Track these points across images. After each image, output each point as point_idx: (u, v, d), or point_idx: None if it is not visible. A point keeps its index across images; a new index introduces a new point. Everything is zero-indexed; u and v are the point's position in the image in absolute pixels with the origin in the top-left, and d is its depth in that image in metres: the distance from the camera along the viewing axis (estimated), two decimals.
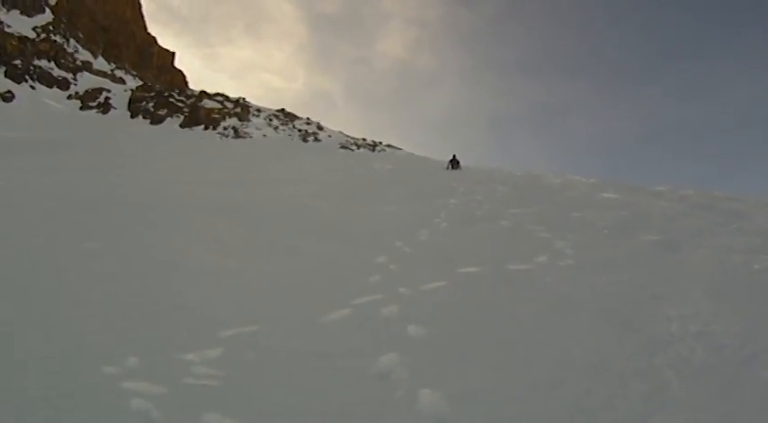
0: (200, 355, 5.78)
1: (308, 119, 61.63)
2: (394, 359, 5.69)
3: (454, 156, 34.52)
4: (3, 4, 63.99)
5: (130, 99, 56.98)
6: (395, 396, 4.94)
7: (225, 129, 51.33)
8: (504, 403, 4.90)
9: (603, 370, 5.65)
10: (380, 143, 58.17)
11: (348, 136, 59.21)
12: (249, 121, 55.75)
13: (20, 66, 57.22)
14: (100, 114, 54.27)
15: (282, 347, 6.04)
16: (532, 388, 5.22)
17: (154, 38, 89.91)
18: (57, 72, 60.50)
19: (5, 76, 55.95)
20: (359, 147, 53.82)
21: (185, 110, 54.72)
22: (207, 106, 54.77)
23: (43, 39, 62.97)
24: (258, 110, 60.37)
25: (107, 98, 57.23)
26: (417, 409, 4.74)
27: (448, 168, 33.41)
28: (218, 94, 59.37)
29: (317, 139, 53.93)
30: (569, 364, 5.81)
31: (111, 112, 54.89)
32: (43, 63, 60.00)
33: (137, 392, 4.97)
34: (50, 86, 58.05)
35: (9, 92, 53.35)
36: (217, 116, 53.77)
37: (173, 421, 4.50)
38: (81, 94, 57.70)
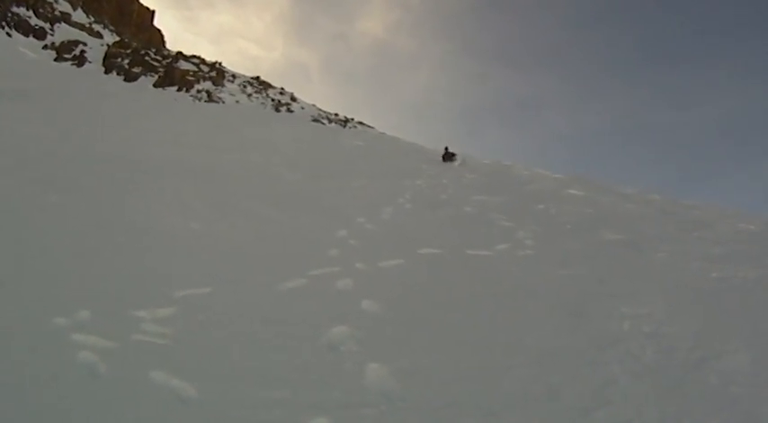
0: (152, 313, 5.74)
1: (282, 89, 61.10)
2: (345, 332, 5.69)
3: (446, 148, 28.12)
4: None
5: (106, 54, 55.99)
6: (343, 367, 4.94)
7: (198, 92, 50.67)
8: (451, 383, 4.92)
9: (553, 359, 5.70)
10: (352, 120, 57.87)
11: (321, 110, 58.82)
12: (223, 86, 55.14)
13: None
14: (74, 67, 53.28)
15: (235, 311, 6.01)
16: (481, 371, 5.25)
17: None
18: (34, 21, 59.26)
19: None
20: (331, 121, 53.53)
21: (160, 70, 53.92)
22: (182, 68, 54.02)
23: None
24: (233, 76, 59.76)
25: (83, 51, 56.18)
26: (365, 382, 4.74)
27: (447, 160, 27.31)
28: (194, 57, 58.59)
29: (289, 110, 53.50)
30: (520, 350, 5.85)
31: (86, 65, 53.94)
32: (21, 11, 58.88)
33: (85, 345, 4.93)
34: (27, 35, 56.86)
35: None
36: (191, 78, 53.07)
37: (118, 376, 4.46)
38: (57, 45, 56.69)
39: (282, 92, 60.36)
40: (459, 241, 10.44)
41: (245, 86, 57.58)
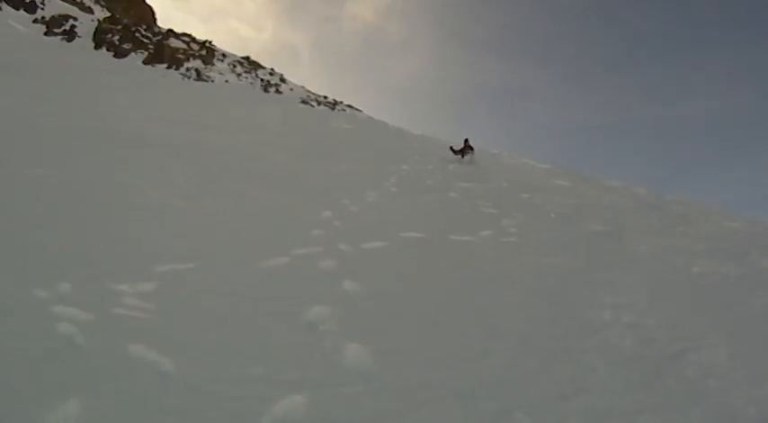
0: (133, 287, 5.71)
1: (272, 70, 60.79)
2: (325, 311, 5.67)
3: (467, 140, 23.22)
4: None
5: (96, 30, 55.48)
6: (322, 346, 4.92)
7: (188, 70, 50.34)
8: (428, 366, 4.92)
9: (532, 346, 5.70)
10: (341, 102, 57.65)
11: (310, 92, 58.56)
12: (213, 65, 54.80)
13: None
14: (64, 42, 52.77)
15: (216, 287, 5.99)
16: (459, 354, 5.25)
17: None
18: None
19: None
20: (319, 103, 53.33)
21: (150, 47, 53.50)
22: (172, 45, 53.63)
23: None
24: (223, 55, 59.37)
25: (73, 26, 55.67)
26: (343, 361, 4.73)
27: (457, 154, 23.08)
28: (184, 35, 58.15)
29: (278, 91, 53.27)
30: (498, 335, 5.85)
31: (76, 40, 53.44)
32: None
33: (65, 317, 4.90)
34: (17, 8, 56.34)
35: None
36: (181, 56, 52.74)
37: (96, 348, 4.43)
38: (47, 19, 56.17)
39: (272, 73, 60.08)
40: (443, 226, 10.43)
41: (234, 66, 57.26)
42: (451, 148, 24.00)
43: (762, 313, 7.78)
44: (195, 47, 56.48)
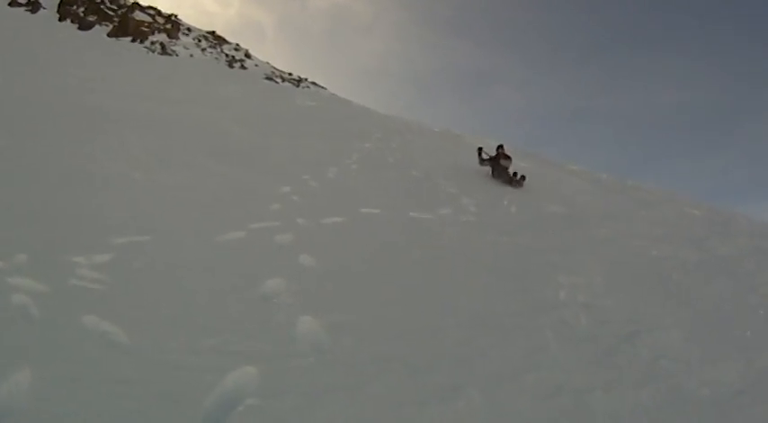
0: (88, 259, 5.65)
1: (237, 45, 60.06)
2: (280, 284, 5.67)
3: (501, 146, 16.88)
4: None
5: (61, 1, 54.59)
6: (275, 319, 4.92)
7: (152, 43, 49.54)
8: (380, 340, 4.95)
9: (486, 322, 5.74)
10: (306, 80, 57.21)
11: (275, 68, 58.00)
12: (178, 39, 53.99)
13: None
14: (28, 13, 51.77)
15: (171, 260, 5.94)
16: (412, 330, 5.28)
17: None
18: None
19: None
20: (284, 80, 52.87)
21: (115, 19, 52.68)
22: (137, 18, 52.86)
23: None
24: (189, 29, 58.53)
25: None
26: (295, 333, 4.74)
27: (485, 165, 16.62)
28: (150, 8, 57.19)
29: (243, 67, 52.66)
30: (453, 311, 5.90)
31: (40, 12, 52.27)
32: None
33: (20, 288, 4.84)
34: None
35: None
36: (146, 29, 51.88)
37: (51, 319, 4.39)
38: None
39: (237, 48, 59.49)
40: (403, 203, 10.46)
41: (199, 41, 56.56)
42: (480, 153, 17.02)
43: (717, 298, 7.90)
44: (160, 20, 55.69)
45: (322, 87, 56.33)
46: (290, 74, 57.97)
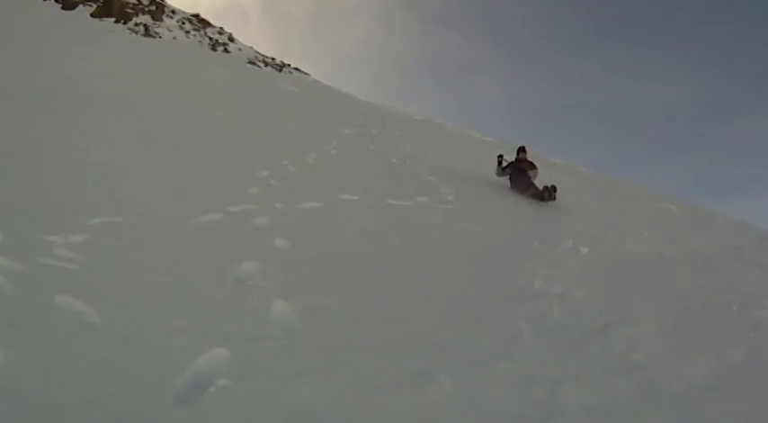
0: (64, 239, 5.58)
1: (221, 29, 59.68)
2: (255, 267, 5.64)
3: (523, 148, 14.20)
4: None
5: None
6: (249, 301, 4.90)
7: (136, 25, 49.15)
8: (355, 325, 4.95)
9: (460, 310, 5.76)
10: (288, 65, 56.96)
11: (258, 53, 57.69)
12: (162, 21, 53.55)
13: None
14: None
15: (147, 241, 5.88)
16: (386, 315, 5.29)
17: None
18: None
19: None
20: (267, 65, 52.65)
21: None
22: None
23: None
24: (173, 11, 58.09)
25: None
26: (269, 316, 4.71)
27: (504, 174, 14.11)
28: None
29: (226, 50, 52.36)
30: (427, 298, 5.90)
31: None
32: None
33: None
34: None
35: None
36: (130, 11, 51.43)
37: (23, 298, 4.34)
38: None
39: (221, 32, 59.10)
40: (381, 190, 10.46)
41: (183, 23, 56.16)
42: (501, 161, 14.33)
43: (692, 293, 7.99)
44: (145, 1, 55.25)
45: (305, 73, 56.12)
46: (272, 59, 57.69)
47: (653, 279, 8.41)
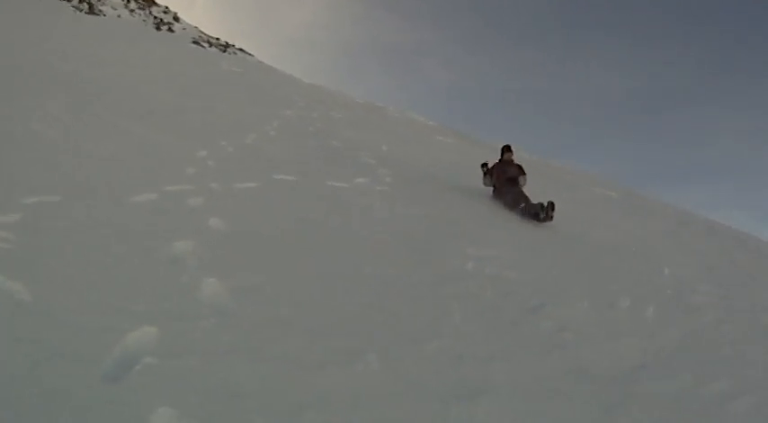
0: None
1: (166, 8, 58.55)
2: (187, 247, 5.58)
3: (508, 147, 12.33)
4: None
5: None
6: (179, 281, 4.86)
7: (80, 2, 48.08)
8: (284, 304, 4.93)
9: (391, 291, 5.76)
10: (233, 46, 56.19)
11: (202, 33, 56.79)
12: None
13: None
14: None
15: (82, 220, 5.78)
16: (317, 294, 5.28)
17: None
18: None
19: None
20: (211, 45, 51.85)
21: None
22: None
23: None
24: None
25: None
26: (199, 295, 4.68)
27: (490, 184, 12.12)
28: None
29: (170, 30, 51.36)
30: (359, 278, 5.92)
31: None
32: None
33: None
34: None
35: None
36: None
37: None
38: None
39: (166, 11, 58.03)
40: (319, 171, 10.44)
41: (128, 1, 55.00)
42: (485, 170, 12.27)
43: (626, 278, 8.18)
44: None
45: (249, 54, 55.49)
46: (217, 39, 56.90)
47: (588, 263, 8.58)
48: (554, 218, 10.23)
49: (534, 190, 12.06)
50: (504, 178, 11.63)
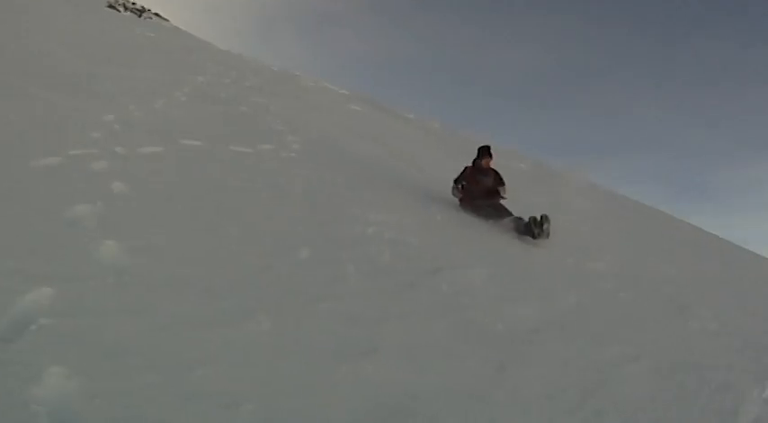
0: None
1: None
2: (88, 209, 5.53)
3: (487, 149, 10.19)
4: None
5: None
6: (78, 243, 4.82)
7: None
8: (181, 264, 4.96)
9: (287, 253, 5.81)
10: (149, 11, 54.97)
11: None
12: None
13: None
14: None
15: None
16: (213, 256, 5.30)
17: None
18: None
19: None
20: (127, 9, 50.64)
21: None
22: None
23: None
24: None
25: None
26: (97, 256, 4.66)
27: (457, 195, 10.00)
28: None
29: None
30: (257, 241, 5.95)
31: None
32: None
33: None
34: None
35: None
36: None
37: None
38: None
39: None
40: (226, 137, 10.37)
41: None
42: (457, 185, 10.14)
43: (527, 249, 8.31)
44: None
45: (164, 19, 54.21)
46: (133, 3, 55.45)
47: (485, 230, 8.78)
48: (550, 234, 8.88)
49: (438, 160, 12.26)
50: (480, 188, 9.94)
